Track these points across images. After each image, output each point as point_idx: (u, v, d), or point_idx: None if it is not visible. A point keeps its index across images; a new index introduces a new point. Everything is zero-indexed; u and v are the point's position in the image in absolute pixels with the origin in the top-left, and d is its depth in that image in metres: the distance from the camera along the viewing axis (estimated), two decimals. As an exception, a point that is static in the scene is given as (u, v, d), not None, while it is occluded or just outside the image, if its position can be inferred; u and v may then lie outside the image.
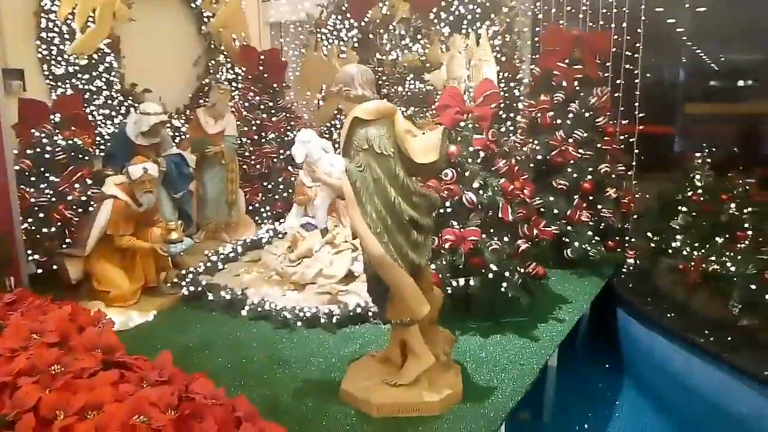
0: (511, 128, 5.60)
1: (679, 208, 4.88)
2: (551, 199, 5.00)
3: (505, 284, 3.79)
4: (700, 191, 4.84)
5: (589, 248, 4.86)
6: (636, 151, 5.59)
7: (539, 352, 3.57)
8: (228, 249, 5.32)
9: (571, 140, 5.00)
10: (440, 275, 3.78)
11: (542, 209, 4.92)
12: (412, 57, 6.14)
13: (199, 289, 4.39)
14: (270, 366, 3.44)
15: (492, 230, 3.87)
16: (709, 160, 4.99)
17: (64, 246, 4.57)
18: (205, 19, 6.67)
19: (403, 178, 2.79)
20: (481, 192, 3.87)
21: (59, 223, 4.58)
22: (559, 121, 5.09)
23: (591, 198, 5.02)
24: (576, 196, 5.00)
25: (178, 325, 4.04)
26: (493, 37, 5.61)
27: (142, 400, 2.11)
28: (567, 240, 4.92)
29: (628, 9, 5.60)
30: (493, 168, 3.92)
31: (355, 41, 6.53)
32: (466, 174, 3.90)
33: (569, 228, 4.94)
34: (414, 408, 2.84)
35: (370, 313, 3.99)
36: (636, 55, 5.64)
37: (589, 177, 4.96)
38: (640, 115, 5.62)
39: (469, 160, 3.94)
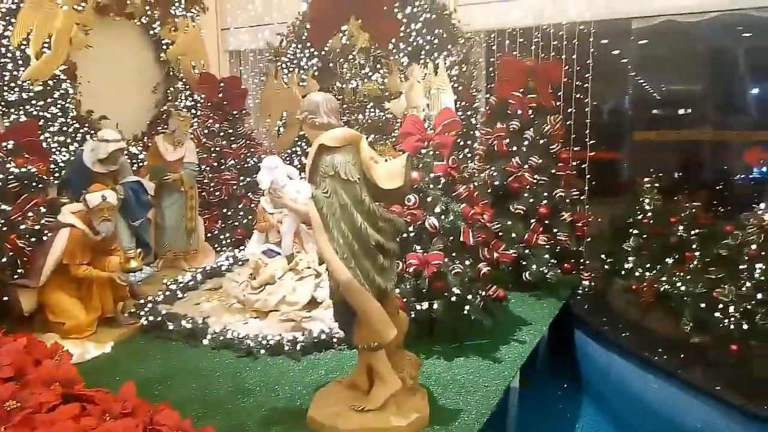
0: (469, 155, 5.74)
1: (631, 230, 5.07)
2: (509, 223, 5.13)
3: (467, 307, 3.85)
4: (649, 214, 5.04)
5: (546, 271, 4.99)
6: (588, 176, 5.81)
7: (502, 373, 3.63)
8: (187, 277, 5.23)
9: (527, 166, 5.16)
10: (404, 299, 3.82)
11: (500, 233, 5.03)
12: (371, 86, 6.26)
13: (159, 318, 4.30)
14: (234, 395, 3.39)
15: (454, 254, 3.95)
16: (657, 185, 5.21)
17: (15, 277, 4.40)
18: (164, 47, 6.64)
19: (368, 203, 2.84)
20: (443, 217, 3.95)
21: (11, 253, 4.42)
22: (515, 148, 5.25)
23: (547, 222, 5.17)
24: (533, 221, 5.14)
25: (138, 356, 3.94)
26: (450, 67, 5.77)
27: (106, 433, 2.06)
28: (524, 263, 5.05)
29: (578, 41, 5.88)
30: (454, 193, 4.02)
31: (315, 70, 6.61)
32: (428, 199, 3.98)
33: (527, 251, 5.07)
34: (382, 433, 2.85)
35: (334, 340, 3.99)
36: (586, 85, 5.90)
37: (545, 202, 5.12)
38: (591, 142, 5.87)
39: (431, 186, 4.02)
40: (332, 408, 3.01)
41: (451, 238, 3.96)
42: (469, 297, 3.88)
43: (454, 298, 3.84)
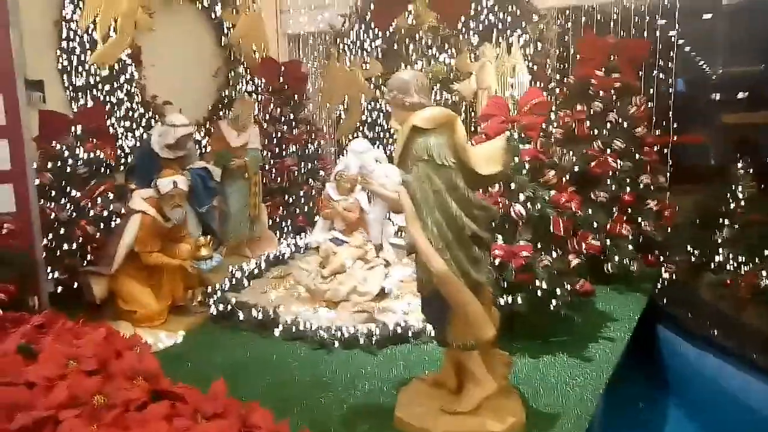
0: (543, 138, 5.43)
1: (722, 220, 4.69)
2: (589, 211, 4.82)
3: (556, 302, 3.59)
4: (743, 203, 4.66)
5: (629, 263, 4.68)
6: (672, 162, 5.43)
7: (596, 373, 3.37)
8: (252, 265, 5.13)
9: (609, 151, 4.84)
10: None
11: (579, 223, 4.73)
12: (439, 67, 5.99)
13: (229, 307, 4.19)
14: (312, 389, 3.24)
15: (540, 245, 3.69)
16: (750, 171, 4.81)
17: (84, 263, 4.37)
18: (225, 31, 6.53)
19: (463, 189, 2.62)
20: (528, 205, 3.69)
21: (80, 240, 4.39)
22: (595, 132, 4.93)
23: (629, 211, 4.85)
24: (614, 209, 4.83)
25: (209, 345, 3.84)
26: (525, 46, 5.46)
27: (201, 435, 1.92)
28: (604, 255, 4.73)
29: (661, 17, 5.49)
30: (541, 179, 3.75)
31: (379, 51, 6.39)
32: (512, 186, 3.73)
33: (608, 242, 4.76)
34: (478, 437, 2.64)
35: (410, 333, 3.81)
36: (670, 65, 5.52)
37: (629, 189, 4.79)
38: (674, 125, 5.48)
39: (514, 172, 3.76)
40: (420, 408, 2.81)
41: (538, 227, 3.69)
42: (557, 291, 3.62)
43: (539, 293, 3.59)
